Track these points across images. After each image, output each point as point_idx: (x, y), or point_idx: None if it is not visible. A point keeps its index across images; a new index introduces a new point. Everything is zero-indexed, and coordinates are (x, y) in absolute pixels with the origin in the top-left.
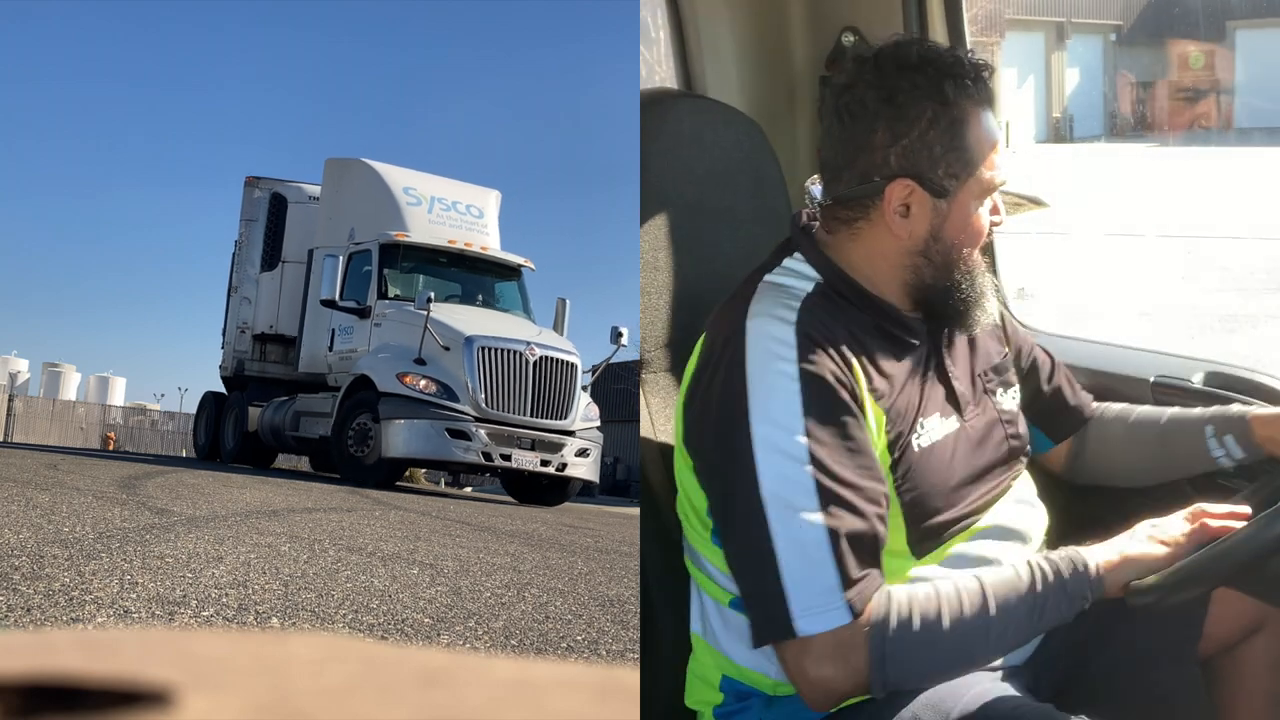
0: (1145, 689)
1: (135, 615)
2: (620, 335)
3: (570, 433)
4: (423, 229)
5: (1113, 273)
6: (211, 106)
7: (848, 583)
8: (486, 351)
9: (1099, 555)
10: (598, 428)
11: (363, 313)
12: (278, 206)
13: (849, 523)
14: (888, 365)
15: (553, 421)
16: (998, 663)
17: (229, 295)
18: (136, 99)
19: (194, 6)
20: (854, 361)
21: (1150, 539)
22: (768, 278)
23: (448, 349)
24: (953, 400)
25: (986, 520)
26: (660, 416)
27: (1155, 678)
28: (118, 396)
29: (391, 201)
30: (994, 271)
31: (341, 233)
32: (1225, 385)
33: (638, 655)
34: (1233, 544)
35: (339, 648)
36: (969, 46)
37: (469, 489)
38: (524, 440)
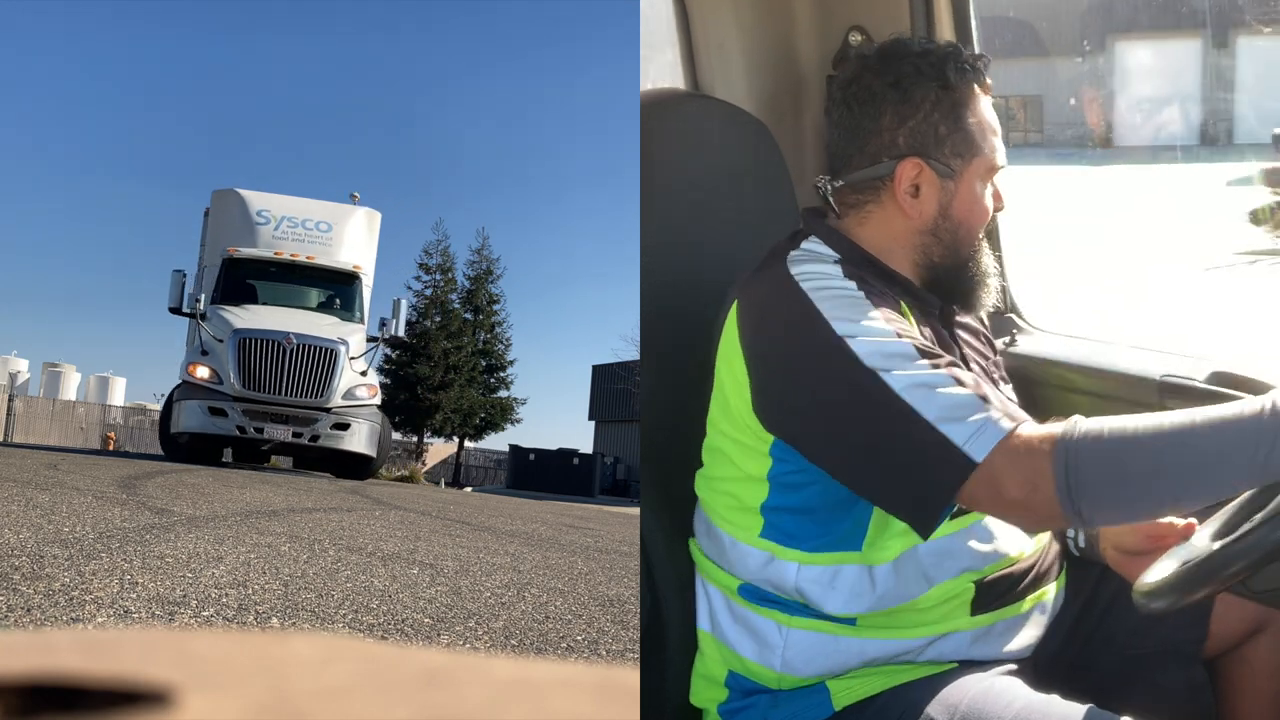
0: (1149, 689)
1: (135, 615)
2: (384, 324)
3: (327, 409)
4: (266, 244)
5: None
6: (218, 108)
7: (993, 405)
8: (247, 342)
9: None
10: (368, 405)
11: (203, 317)
12: None
13: (962, 372)
14: (922, 330)
15: (309, 399)
16: (1002, 656)
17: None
18: (139, 100)
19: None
20: (900, 303)
21: None
22: (792, 253)
23: (221, 341)
24: None
25: None
26: (660, 416)
27: (1160, 678)
28: (118, 396)
29: (248, 222)
30: (1000, 261)
31: (218, 252)
32: (1230, 384)
33: (638, 655)
34: (1246, 544)
35: (339, 648)
36: (975, 44)
37: (469, 489)
38: (278, 416)
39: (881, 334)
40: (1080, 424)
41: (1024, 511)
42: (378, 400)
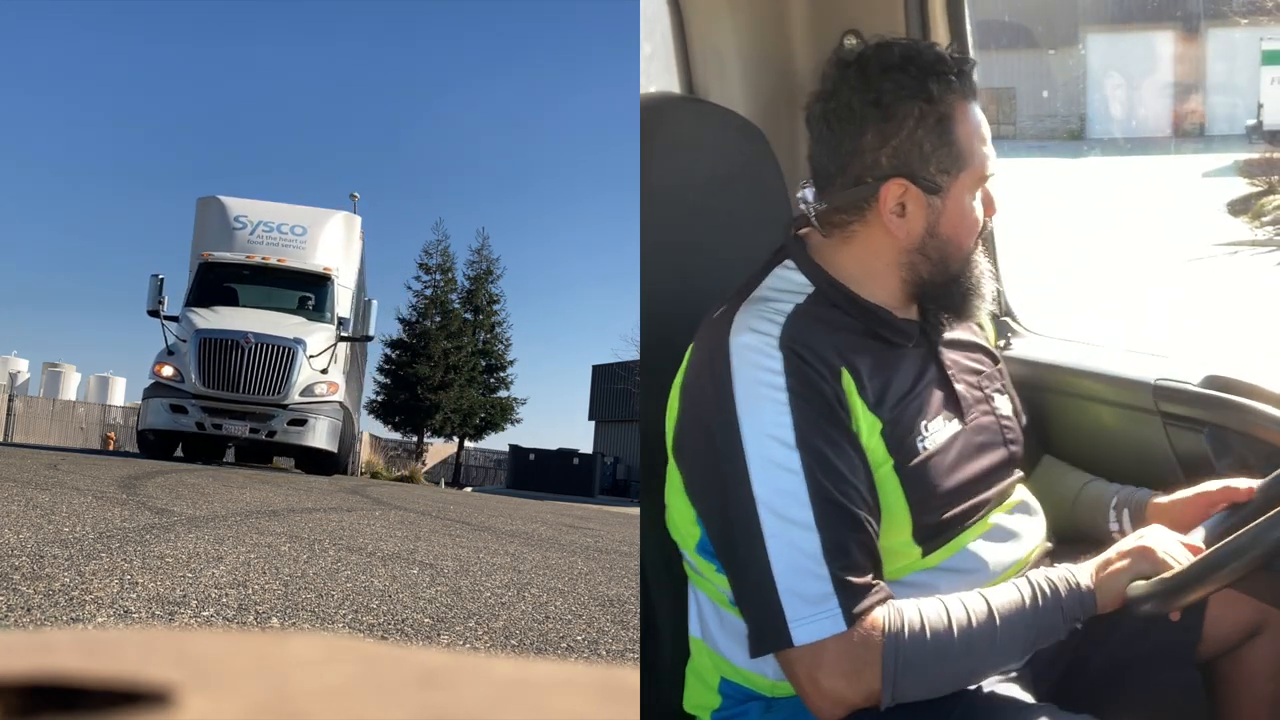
0: (1144, 692)
1: (135, 615)
2: (342, 323)
3: (284, 406)
4: (241, 248)
5: None
6: (222, 112)
7: (845, 589)
8: (208, 343)
9: (1091, 570)
10: (329, 402)
11: (173, 318)
12: None
13: (842, 531)
14: (883, 371)
15: (266, 396)
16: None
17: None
18: (143, 102)
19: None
20: (842, 370)
21: (1141, 551)
22: (755, 292)
23: (185, 341)
24: (954, 403)
25: (993, 520)
26: (660, 416)
27: (1154, 680)
28: (118, 396)
29: (226, 228)
30: (995, 267)
31: (196, 256)
32: (1224, 388)
33: (638, 655)
34: (1237, 546)
35: (339, 648)
36: (970, 46)
37: (469, 489)
38: (236, 412)
39: (784, 465)
40: (905, 614)
41: (835, 702)
42: (338, 397)
